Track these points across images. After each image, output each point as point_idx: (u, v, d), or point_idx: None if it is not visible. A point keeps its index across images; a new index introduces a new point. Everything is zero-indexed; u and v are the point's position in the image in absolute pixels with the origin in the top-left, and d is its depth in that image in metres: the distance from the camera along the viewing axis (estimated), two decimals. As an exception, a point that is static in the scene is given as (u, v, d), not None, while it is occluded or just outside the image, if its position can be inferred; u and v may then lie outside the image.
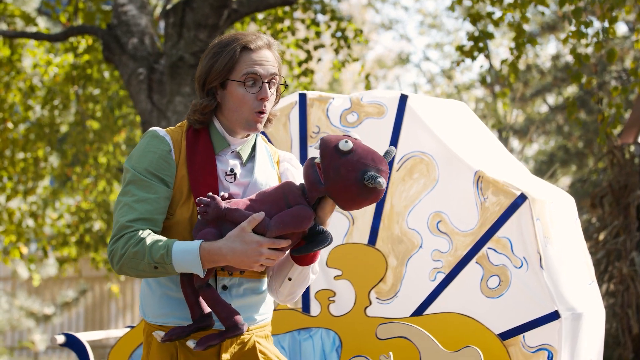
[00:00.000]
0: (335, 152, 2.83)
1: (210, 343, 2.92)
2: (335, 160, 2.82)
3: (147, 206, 2.91)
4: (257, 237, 2.80)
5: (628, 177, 9.55)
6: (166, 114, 7.84)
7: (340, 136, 2.87)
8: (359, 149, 2.85)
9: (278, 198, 2.88)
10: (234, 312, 2.91)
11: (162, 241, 2.84)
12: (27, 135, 11.31)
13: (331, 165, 2.82)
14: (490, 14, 8.36)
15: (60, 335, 4.37)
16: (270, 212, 2.86)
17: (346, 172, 2.81)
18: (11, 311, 15.36)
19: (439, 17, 25.74)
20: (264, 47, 3.02)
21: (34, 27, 10.71)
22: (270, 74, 3.01)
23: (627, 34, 17.17)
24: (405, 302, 4.15)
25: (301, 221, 2.84)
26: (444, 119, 4.37)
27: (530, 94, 19.00)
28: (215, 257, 2.81)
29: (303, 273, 3.06)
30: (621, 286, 9.28)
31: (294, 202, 2.87)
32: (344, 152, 2.82)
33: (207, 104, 3.02)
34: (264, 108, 3.01)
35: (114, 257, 2.89)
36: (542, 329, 3.86)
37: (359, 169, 2.82)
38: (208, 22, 7.84)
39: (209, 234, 2.86)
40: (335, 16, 10.38)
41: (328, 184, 2.83)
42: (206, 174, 2.98)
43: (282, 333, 4.11)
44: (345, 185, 2.82)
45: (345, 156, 2.82)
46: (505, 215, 3.96)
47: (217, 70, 2.99)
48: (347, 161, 2.82)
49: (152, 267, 2.84)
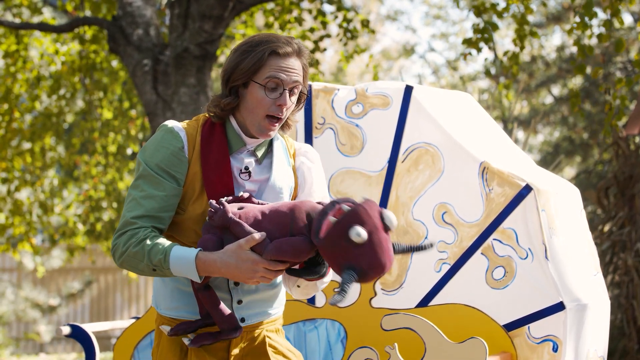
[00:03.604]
0: (344, 232, 2.75)
1: (203, 342, 2.94)
2: (340, 239, 2.75)
3: (154, 203, 2.92)
4: (253, 256, 2.79)
5: (633, 168, 9.53)
6: (171, 105, 7.84)
7: (369, 219, 2.77)
8: (367, 247, 2.76)
9: (285, 222, 2.85)
10: (230, 316, 2.92)
11: (161, 245, 2.85)
12: (34, 125, 11.32)
13: (334, 239, 2.75)
14: (494, 5, 8.35)
15: (66, 326, 4.38)
16: (274, 234, 2.83)
17: (339, 255, 2.76)
18: (17, 302, 15.41)
19: (445, 7, 25.71)
20: (292, 54, 2.99)
21: (39, 16, 10.72)
22: (293, 81, 2.98)
23: (632, 24, 17.13)
24: (411, 293, 4.15)
25: (298, 254, 2.81)
26: (449, 110, 4.37)
27: (535, 85, 18.97)
28: (209, 268, 2.82)
29: (311, 283, 3.07)
30: (626, 277, 9.28)
31: (298, 232, 2.83)
32: (351, 241, 2.74)
33: (229, 102, 3.00)
34: (280, 114, 2.99)
35: (116, 252, 2.92)
36: (547, 320, 3.86)
37: (349, 263, 2.75)
38: (213, 13, 7.83)
39: (209, 241, 2.86)
40: (342, 7, 10.36)
41: (320, 245, 2.78)
42: (221, 171, 2.97)
43: (287, 324, 4.12)
44: (330, 262, 2.79)
45: (349, 244, 2.75)
46: (510, 206, 3.95)
47: (243, 70, 2.96)
48: (347, 248, 2.75)
49: (151, 269, 2.87)
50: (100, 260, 17.30)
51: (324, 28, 10.37)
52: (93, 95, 11.45)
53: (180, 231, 2.99)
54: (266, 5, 10.18)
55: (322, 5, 10.50)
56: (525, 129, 18.68)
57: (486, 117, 4.66)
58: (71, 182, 12.38)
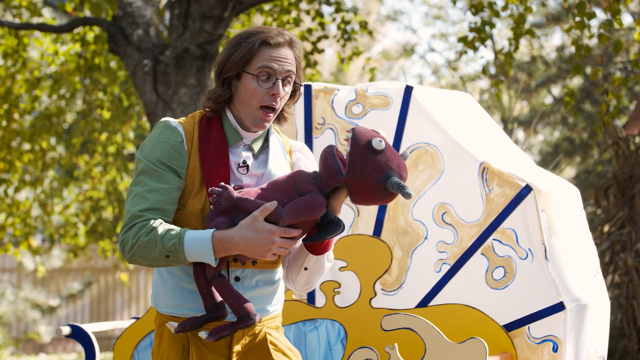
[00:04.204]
0: (367, 148, 2.82)
1: (222, 334, 2.92)
2: (365, 156, 2.81)
3: (159, 196, 2.92)
4: (270, 226, 2.80)
5: (633, 169, 9.53)
6: (171, 106, 7.84)
7: (373, 132, 2.87)
8: (388, 151, 2.84)
9: (289, 186, 2.88)
10: (246, 303, 2.91)
11: (174, 230, 2.84)
12: (34, 126, 11.31)
13: (360, 160, 2.82)
14: (491, 4, 8.35)
15: (66, 326, 4.38)
16: (282, 200, 2.85)
17: (372, 170, 2.81)
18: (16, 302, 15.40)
19: (444, 8, 25.70)
20: (284, 44, 3.00)
21: (39, 17, 10.71)
22: (285, 71, 2.99)
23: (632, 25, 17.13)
24: (411, 293, 4.16)
25: (314, 209, 2.84)
26: (449, 110, 4.37)
27: (535, 85, 18.98)
28: (227, 245, 2.81)
29: (319, 262, 3.07)
30: (626, 277, 9.27)
31: (305, 190, 2.86)
32: (376, 150, 2.82)
33: (221, 93, 3.02)
34: (273, 104, 3.00)
35: (125, 246, 2.90)
36: (547, 320, 3.87)
37: (385, 171, 2.82)
38: (213, 14, 7.83)
39: (222, 222, 2.86)
40: (341, 8, 10.36)
41: (350, 176, 2.83)
42: (219, 165, 2.98)
43: (287, 324, 4.12)
44: (368, 183, 2.82)
45: (375, 155, 2.81)
46: (510, 206, 3.96)
47: (234, 61, 2.98)
48: (375, 160, 2.81)
49: (164, 255, 2.84)
50: (100, 260, 17.30)
51: (323, 29, 10.37)
52: (92, 95, 11.44)
53: (181, 227, 2.98)
54: (264, 7, 10.18)
55: (320, 6, 10.50)
56: (525, 129, 18.68)
57: (486, 117, 4.67)
58: (71, 182, 12.38)
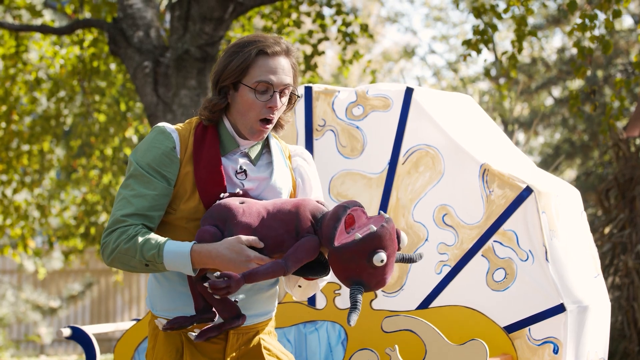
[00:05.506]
0: (368, 253, 2.76)
1: (209, 335, 2.95)
2: (359, 255, 2.76)
3: (144, 202, 2.93)
4: (249, 251, 2.81)
5: (633, 170, 9.54)
6: (172, 107, 7.84)
7: (392, 242, 2.79)
8: (380, 269, 2.78)
9: (290, 220, 2.87)
10: (230, 305, 2.92)
11: (154, 240, 2.87)
12: (33, 128, 11.31)
13: (354, 254, 2.77)
14: (493, 7, 8.36)
15: (66, 328, 4.38)
16: (278, 230, 2.85)
17: (352, 268, 2.78)
18: (17, 304, 15.39)
19: (445, 9, 25.72)
20: (281, 53, 3.00)
21: (39, 19, 10.71)
22: (283, 84, 2.99)
23: (633, 26, 17.13)
24: (411, 295, 4.15)
25: (314, 253, 2.84)
26: (450, 112, 4.37)
27: (535, 87, 18.97)
28: (204, 259, 2.84)
29: (312, 283, 3.08)
30: (627, 279, 9.28)
31: (304, 231, 2.86)
32: (372, 264, 2.76)
33: (217, 102, 3.02)
34: (271, 116, 3.00)
35: (106, 250, 2.93)
36: (548, 322, 3.86)
37: (358, 278, 2.78)
38: (214, 15, 7.83)
39: (207, 233, 2.87)
40: (341, 10, 10.36)
41: (335, 254, 2.79)
42: (212, 170, 2.98)
43: (287, 326, 4.12)
44: (341, 270, 2.81)
45: (367, 264, 2.76)
46: (511, 208, 3.96)
47: (231, 70, 2.98)
48: (362, 266, 2.77)
49: (143, 264, 2.88)
50: (100, 262, 17.29)
51: (323, 31, 10.37)
52: (90, 98, 11.45)
53: (171, 231, 3.00)
54: (264, 9, 10.18)
55: (321, 8, 10.50)
56: (526, 131, 18.68)
57: (487, 119, 4.66)
58: (69, 185, 12.38)
